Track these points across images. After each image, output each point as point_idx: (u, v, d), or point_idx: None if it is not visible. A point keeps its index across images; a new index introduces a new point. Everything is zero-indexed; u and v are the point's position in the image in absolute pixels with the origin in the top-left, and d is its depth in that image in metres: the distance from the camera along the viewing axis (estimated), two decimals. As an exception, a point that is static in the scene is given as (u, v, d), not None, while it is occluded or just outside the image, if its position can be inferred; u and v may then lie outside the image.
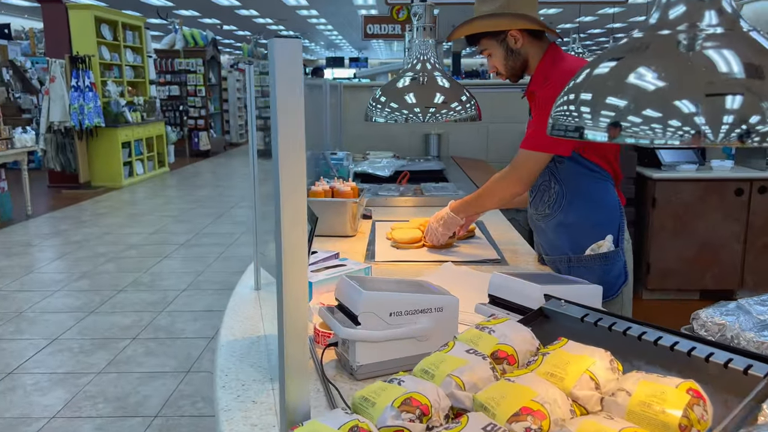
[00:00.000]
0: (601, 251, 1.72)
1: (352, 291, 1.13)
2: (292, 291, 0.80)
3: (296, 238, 0.77)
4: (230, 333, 1.36)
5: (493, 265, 1.87)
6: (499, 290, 1.22)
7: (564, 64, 1.67)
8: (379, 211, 2.66)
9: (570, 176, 1.73)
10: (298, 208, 0.76)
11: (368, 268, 1.66)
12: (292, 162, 0.75)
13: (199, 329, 3.75)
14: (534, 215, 1.89)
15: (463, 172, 3.61)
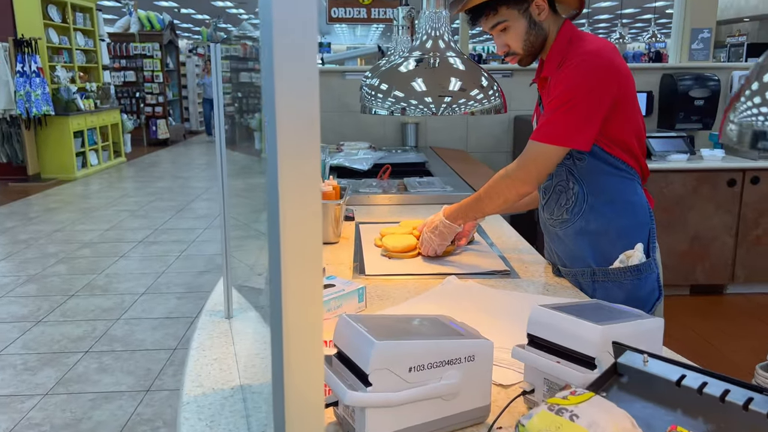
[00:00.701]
0: (631, 263, 1.48)
1: (360, 340, 0.86)
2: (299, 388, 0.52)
3: (309, 293, 0.49)
4: (196, 384, 1.07)
5: (502, 278, 1.62)
6: (541, 329, 0.97)
7: (585, 45, 1.42)
8: (361, 212, 2.39)
9: (591, 175, 1.49)
10: (310, 250, 0.47)
11: (362, 288, 1.39)
12: (304, 164, 0.46)
13: (159, 339, 3.42)
14: (549, 221, 1.64)
15: (446, 165, 3.36)
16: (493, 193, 1.55)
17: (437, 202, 2.51)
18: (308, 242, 0.46)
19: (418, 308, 1.39)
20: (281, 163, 0.43)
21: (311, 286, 0.47)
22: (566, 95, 1.38)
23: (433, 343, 0.88)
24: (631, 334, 0.94)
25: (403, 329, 0.92)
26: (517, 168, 1.49)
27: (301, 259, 0.46)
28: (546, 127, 1.43)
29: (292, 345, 0.47)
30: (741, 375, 2.13)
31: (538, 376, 0.97)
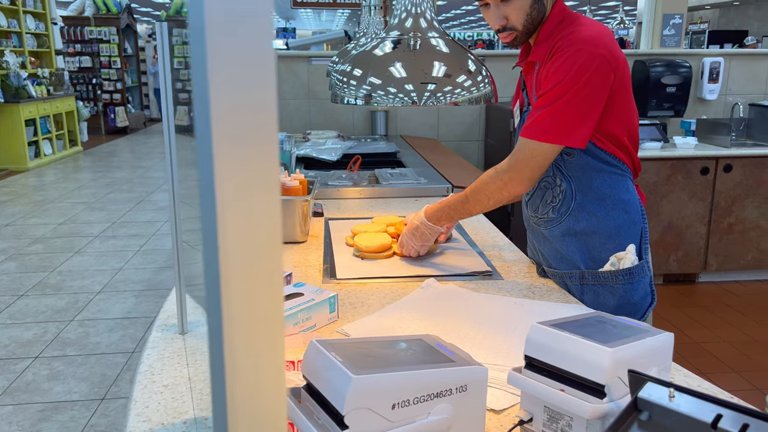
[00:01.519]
0: (623, 266, 1.37)
1: (334, 373, 0.73)
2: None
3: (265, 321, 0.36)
4: (142, 418, 0.92)
5: (483, 280, 1.51)
6: (541, 350, 0.85)
7: (581, 31, 1.28)
8: (331, 206, 2.25)
9: (581, 172, 1.38)
10: (268, 262, 0.34)
11: (334, 297, 1.25)
12: (252, 152, 0.33)
13: (116, 342, 3.22)
14: (533, 218, 1.52)
15: (418, 155, 3.23)
16: (482, 195, 1.42)
17: (411, 195, 2.39)
18: (260, 256, 0.32)
19: (395, 317, 1.26)
20: (217, 148, 0.29)
21: (266, 309, 0.34)
22: (561, 89, 1.26)
23: (420, 374, 0.75)
24: (642, 354, 0.83)
25: (384, 357, 0.79)
26: (509, 168, 1.36)
27: (249, 276, 0.32)
28: (540, 123, 1.30)
29: (237, 393, 0.33)
30: (730, 374, 2.04)
31: (537, 404, 0.85)
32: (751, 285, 3.96)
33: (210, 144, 0.29)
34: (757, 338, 3.24)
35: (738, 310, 3.59)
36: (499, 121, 3.93)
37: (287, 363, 1.03)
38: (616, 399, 0.78)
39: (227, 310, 0.31)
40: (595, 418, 0.76)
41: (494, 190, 1.39)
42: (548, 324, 0.87)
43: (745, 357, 3.05)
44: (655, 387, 0.68)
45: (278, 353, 0.34)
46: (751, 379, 2.82)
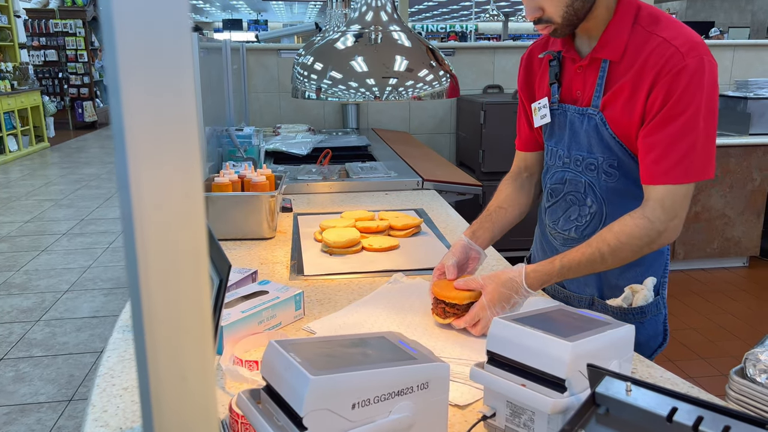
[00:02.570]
0: (637, 303, 1.27)
1: (292, 374, 0.71)
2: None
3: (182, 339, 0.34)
4: (99, 423, 0.90)
5: (452, 274, 1.50)
6: (503, 345, 0.84)
7: (683, 33, 1.11)
8: (300, 201, 2.22)
9: (616, 195, 1.23)
10: (190, 266, 0.32)
11: (299, 294, 1.24)
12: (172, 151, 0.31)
13: (84, 342, 3.16)
14: (550, 229, 1.38)
15: (389, 148, 3.22)
16: (627, 252, 1.14)
17: (381, 189, 2.38)
18: (181, 258, 0.31)
19: (362, 313, 1.25)
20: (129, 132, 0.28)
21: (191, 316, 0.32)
22: (692, 117, 1.09)
23: (380, 373, 0.74)
24: (603, 347, 0.84)
25: (344, 356, 0.78)
26: (662, 219, 1.12)
27: (170, 283, 0.31)
28: (684, 161, 1.10)
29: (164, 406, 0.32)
30: (696, 360, 2.06)
31: (500, 399, 0.85)
32: (717, 273, 4.04)
33: (123, 141, 0.27)
34: (723, 325, 3.31)
35: (704, 298, 3.67)
36: (470, 114, 3.93)
37: (250, 363, 1.02)
38: (578, 393, 0.78)
39: (148, 313, 0.30)
40: (556, 412, 0.76)
41: (644, 245, 1.14)
42: (509, 318, 0.87)
43: (711, 343, 3.11)
44: (612, 381, 0.68)
45: (207, 357, 0.32)
46: (717, 365, 2.88)
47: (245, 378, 0.96)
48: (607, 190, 1.24)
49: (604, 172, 1.23)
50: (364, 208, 2.03)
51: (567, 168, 1.29)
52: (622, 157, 1.20)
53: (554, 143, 1.32)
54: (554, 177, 1.32)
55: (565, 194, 1.31)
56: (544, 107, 1.31)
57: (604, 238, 1.14)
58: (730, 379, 0.96)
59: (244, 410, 0.77)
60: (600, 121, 1.20)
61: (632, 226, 1.13)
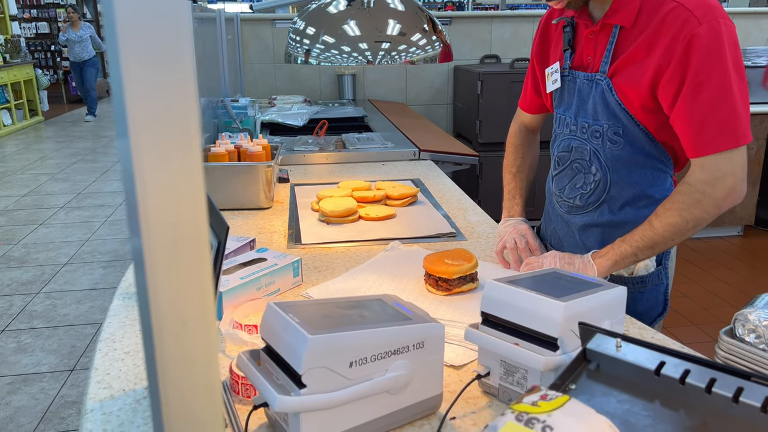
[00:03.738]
0: (638, 273, 1.28)
1: (290, 334, 0.73)
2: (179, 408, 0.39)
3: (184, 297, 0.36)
4: (102, 385, 0.92)
5: (448, 241, 1.52)
6: (497, 306, 0.86)
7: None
8: (297, 172, 2.23)
9: (621, 163, 1.23)
10: (190, 228, 0.34)
11: (297, 261, 1.25)
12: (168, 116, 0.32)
13: (84, 313, 3.19)
14: (556, 197, 1.38)
15: (386, 119, 3.21)
16: (675, 219, 1.13)
17: (377, 160, 2.38)
18: (184, 223, 0.32)
19: (359, 279, 1.27)
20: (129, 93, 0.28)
21: (193, 276, 0.33)
22: (721, 81, 1.06)
23: (377, 332, 0.76)
24: (595, 308, 0.85)
25: (341, 317, 0.79)
26: (713, 188, 1.10)
27: (173, 245, 0.32)
28: (727, 127, 1.08)
29: (169, 365, 0.34)
30: (688, 327, 2.08)
31: (494, 358, 0.87)
32: (712, 242, 4.08)
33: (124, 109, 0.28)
34: (716, 292, 3.35)
35: (698, 266, 3.70)
36: (466, 84, 3.91)
37: (249, 327, 1.03)
38: (569, 351, 0.81)
39: (149, 257, 0.31)
40: (549, 370, 0.79)
41: (690, 206, 1.12)
42: (503, 280, 0.88)
43: (704, 310, 3.16)
44: (603, 338, 0.70)
45: (209, 310, 0.33)
46: (709, 332, 2.93)
47: (245, 341, 0.98)
48: (612, 158, 1.24)
49: (609, 140, 1.23)
50: (360, 179, 2.04)
51: (573, 136, 1.29)
52: (627, 124, 1.20)
53: (563, 110, 1.32)
54: (561, 145, 1.33)
55: (571, 162, 1.31)
56: (556, 72, 1.30)
57: (654, 211, 1.16)
58: (719, 339, 0.98)
59: (245, 370, 0.78)
60: (606, 87, 1.20)
61: (675, 193, 1.14)
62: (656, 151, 1.22)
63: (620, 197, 1.26)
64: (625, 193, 1.26)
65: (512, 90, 3.59)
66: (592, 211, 1.30)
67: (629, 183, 1.25)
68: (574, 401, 0.54)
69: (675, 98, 1.11)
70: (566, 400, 0.54)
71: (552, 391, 0.55)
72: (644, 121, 1.19)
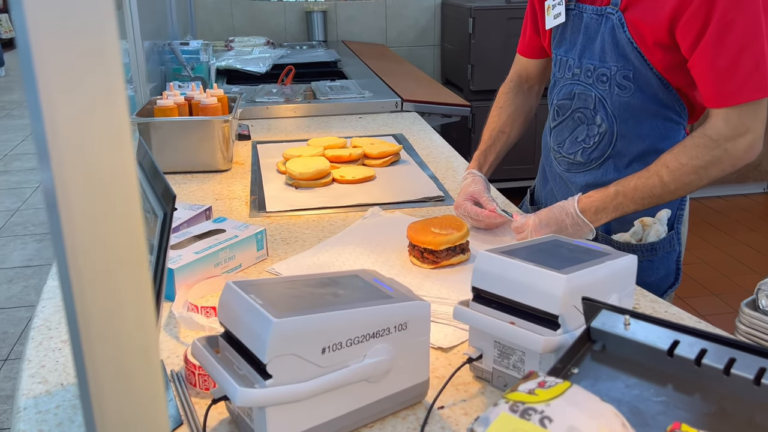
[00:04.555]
0: (648, 238, 1.28)
1: (252, 317, 0.73)
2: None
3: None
4: (37, 380, 0.91)
5: (435, 206, 1.52)
6: (489, 280, 0.86)
7: None
8: (259, 127, 2.21)
9: (630, 113, 1.22)
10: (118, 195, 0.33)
11: (261, 232, 1.25)
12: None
13: (17, 295, 3.16)
14: (554, 153, 1.37)
15: (363, 63, 3.18)
16: (690, 177, 1.14)
17: (354, 112, 2.37)
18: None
19: (334, 252, 1.26)
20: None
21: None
22: (751, 21, 1.07)
23: (352, 313, 0.76)
24: (601, 280, 0.86)
25: (311, 296, 0.79)
26: (733, 145, 1.11)
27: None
28: (755, 75, 1.08)
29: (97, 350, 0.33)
30: (708, 297, 2.12)
31: (486, 339, 0.88)
32: (734, 200, 4.14)
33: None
34: (738, 257, 3.42)
35: (719, 228, 3.76)
36: (456, 22, 3.86)
37: (207, 309, 1.03)
38: (572, 330, 0.81)
39: (70, 236, 0.30)
40: (548, 351, 0.79)
41: (708, 165, 1.13)
42: (497, 251, 0.89)
43: (725, 278, 3.22)
44: (610, 315, 0.70)
45: (143, 284, 0.33)
46: (730, 301, 3.00)
47: (201, 326, 0.98)
48: (620, 106, 1.23)
49: (618, 85, 1.22)
50: (334, 135, 2.03)
51: (577, 80, 1.28)
52: (638, 67, 1.19)
53: (564, 51, 1.31)
54: (562, 91, 1.32)
55: (573, 111, 1.30)
56: (559, 5, 1.28)
57: (664, 160, 1.15)
58: (740, 312, 1.00)
59: (201, 359, 0.78)
60: (618, 23, 1.18)
61: (691, 145, 1.13)
62: (670, 99, 1.22)
63: (628, 152, 1.26)
64: (633, 148, 1.25)
65: (509, 29, 3.55)
66: (595, 169, 1.30)
67: (638, 136, 1.24)
68: (576, 388, 0.55)
69: (697, 39, 1.10)
70: (567, 387, 0.55)
71: (551, 378, 0.56)
72: (658, 64, 1.18)
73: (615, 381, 0.65)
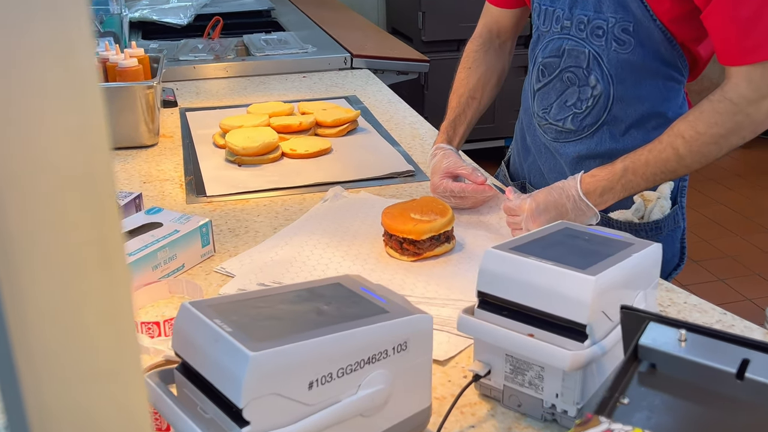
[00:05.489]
0: (652, 216, 1.25)
1: (221, 351, 0.65)
2: None
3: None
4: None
5: (405, 182, 1.46)
6: (500, 284, 0.80)
7: None
8: (186, 91, 2.09)
9: (628, 72, 1.19)
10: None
11: (206, 224, 1.16)
12: None
13: None
14: (538, 119, 1.33)
15: (300, 12, 3.08)
16: (708, 147, 1.10)
17: (297, 71, 2.28)
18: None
19: (295, 245, 1.19)
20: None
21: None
22: None
23: (344, 336, 0.69)
24: (630, 278, 0.82)
25: (290, 316, 0.72)
26: (756, 109, 1.07)
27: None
28: None
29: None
30: (688, 265, 2.12)
31: (495, 351, 0.82)
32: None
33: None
34: (717, 219, 3.49)
35: (695, 189, 3.83)
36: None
37: (150, 325, 0.95)
38: (599, 340, 0.76)
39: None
40: (577, 368, 0.74)
41: (728, 134, 1.09)
42: (506, 248, 0.83)
43: (705, 244, 3.28)
44: (659, 328, 0.65)
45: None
46: (712, 269, 3.06)
47: (145, 348, 0.89)
48: (618, 64, 1.19)
49: (615, 39, 1.18)
50: (276, 99, 1.94)
51: (567, 34, 1.23)
52: (640, 18, 1.15)
53: (551, 0, 1.25)
54: (548, 48, 1.27)
55: (562, 71, 1.25)
56: None
57: (678, 130, 1.10)
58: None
59: (154, 401, 0.70)
60: None
61: (710, 111, 1.09)
62: (672, 55, 1.19)
63: (625, 117, 1.23)
64: (632, 112, 1.22)
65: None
66: (588, 138, 1.26)
67: (637, 98, 1.22)
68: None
69: None
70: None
71: (618, 425, 0.50)
72: (664, 15, 1.14)
73: (675, 411, 0.60)
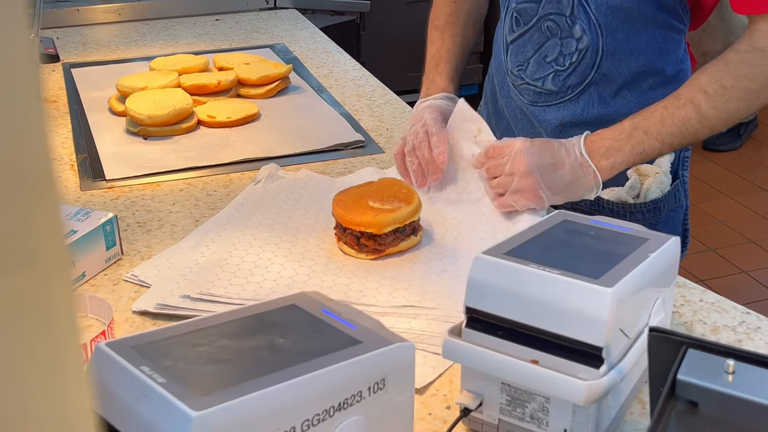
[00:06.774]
0: (650, 195, 1.26)
1: (154, 409, 0.60)
2: None
3: None
4: None
5: (355, 155, 1.45)
6: (493, 299, 0.77)
7: None
8: (69, 41, 2.03)
9: (620, 20, 1.21)
10: None
11: (111, 220, 1.12)
12: None
13: None
14: (513, 77, 1.35)
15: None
16: (735, 104, 1.12)
17: (207, 11, 2.24)
18: None
19: (224, 243, 1.16)
20: None
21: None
22: None
23: (308, 380, 0.65)
24: (649, 284, 0.82)
25: (238, 355, 0.68)
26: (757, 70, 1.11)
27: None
28: None
29: None
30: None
31: (488, 379, 0.80)
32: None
33: None
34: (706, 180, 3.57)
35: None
36: None
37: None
38: (617, 363, 0.75)
39: None
40: (594, 401, 0.72)
41: (760, 89, 1.12)
42: (498, 252, 0.80)
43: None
44: (699, 356, 0.63)
45: None
46: (702, 238, 3.12)
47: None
48: (608, 11, 1.20)
49: None
50: (186, 49, 1.91)
51: None
52: None
53: None
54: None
55: (541, 19, 1.26)
56: None
57: (698, 83, 1.11)
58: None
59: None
60: None
61: (737, 62, 1.09)
62: (674, 1, 1.21)
63: (616, 76, 1.24)
64: (624, 69, 1.23)
65: None
66: (573, 101, 1.27)
67: (630, 52, 1.23)
68: None
69: None
70: None
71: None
72: None
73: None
